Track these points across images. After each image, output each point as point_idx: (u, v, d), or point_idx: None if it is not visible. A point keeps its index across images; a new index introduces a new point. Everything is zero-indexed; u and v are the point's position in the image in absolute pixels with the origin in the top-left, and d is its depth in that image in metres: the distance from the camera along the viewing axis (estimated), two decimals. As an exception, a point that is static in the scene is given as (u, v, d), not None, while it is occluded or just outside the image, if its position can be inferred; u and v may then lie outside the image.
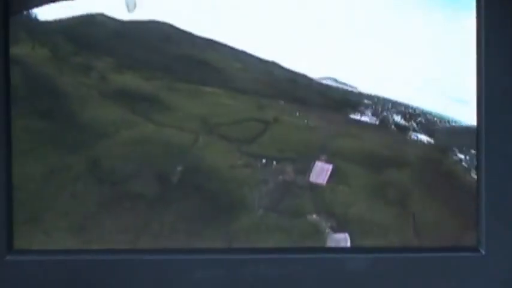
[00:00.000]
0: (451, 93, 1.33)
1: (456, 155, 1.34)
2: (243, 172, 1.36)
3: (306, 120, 1.36)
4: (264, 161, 1.36)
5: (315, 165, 1.35)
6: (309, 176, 1.35)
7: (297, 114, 1.36)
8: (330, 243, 1.33)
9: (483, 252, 1.27)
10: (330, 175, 1.34)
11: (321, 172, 1.34)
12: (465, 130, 1.32)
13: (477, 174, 1.29)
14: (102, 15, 1.35)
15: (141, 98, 1.35)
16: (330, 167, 1.34)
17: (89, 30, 1.35)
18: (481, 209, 1.27)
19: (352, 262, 1.28)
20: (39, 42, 1.34)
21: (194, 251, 1.30)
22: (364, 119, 1.36)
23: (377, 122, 1.36)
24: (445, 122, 1.34)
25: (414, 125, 1.35)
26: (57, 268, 1.28)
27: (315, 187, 1.34)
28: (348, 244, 1.33)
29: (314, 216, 1.35)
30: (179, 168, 1.35)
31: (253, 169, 1.36)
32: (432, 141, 1.34)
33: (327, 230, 1.34)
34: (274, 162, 1.36)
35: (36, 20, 1.34)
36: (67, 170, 1.33)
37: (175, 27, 1.35)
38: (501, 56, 1.27)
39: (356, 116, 1.36)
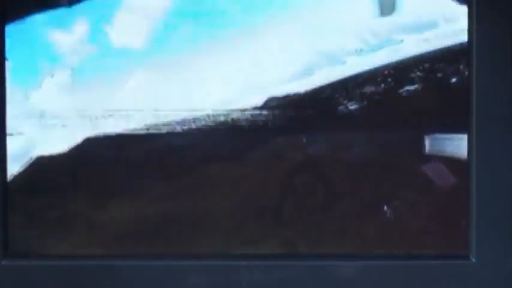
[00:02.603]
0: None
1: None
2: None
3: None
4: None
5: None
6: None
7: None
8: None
9: (473, 260, 1.27)
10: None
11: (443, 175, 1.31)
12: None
13: (468, 181, 1.29)
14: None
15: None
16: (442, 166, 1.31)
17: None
18: (471, 216, 1.28)
19: (343, 269, 1.29)
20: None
21: (188, 257, 1.31)
22: (379, 95, 1.32)
23: (400, 91, 1.31)
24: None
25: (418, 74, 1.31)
26: (52, 273, 1.28)
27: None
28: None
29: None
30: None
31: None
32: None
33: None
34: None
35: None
36: None
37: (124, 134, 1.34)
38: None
39: (374, 97, 1.32)
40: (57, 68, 1.31)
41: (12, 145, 1.32)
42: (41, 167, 1.32)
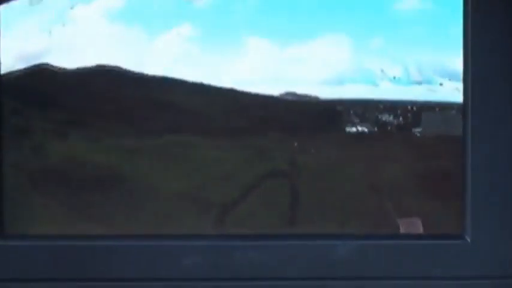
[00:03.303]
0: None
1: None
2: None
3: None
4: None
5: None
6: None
7: (313, 151, 1.30)
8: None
9: (469, 240, 1.27)
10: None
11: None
12: None
13: (462, 160, 1.27)
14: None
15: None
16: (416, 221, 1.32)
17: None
18: (466, 196, 1.27)
19: (339, 248, 1.28)
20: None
21: (182, 237, 1.31)
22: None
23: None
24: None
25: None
26: (48, 253, 1.28)
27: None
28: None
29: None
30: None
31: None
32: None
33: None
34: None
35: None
36: None
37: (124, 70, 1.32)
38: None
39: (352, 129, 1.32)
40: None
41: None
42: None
